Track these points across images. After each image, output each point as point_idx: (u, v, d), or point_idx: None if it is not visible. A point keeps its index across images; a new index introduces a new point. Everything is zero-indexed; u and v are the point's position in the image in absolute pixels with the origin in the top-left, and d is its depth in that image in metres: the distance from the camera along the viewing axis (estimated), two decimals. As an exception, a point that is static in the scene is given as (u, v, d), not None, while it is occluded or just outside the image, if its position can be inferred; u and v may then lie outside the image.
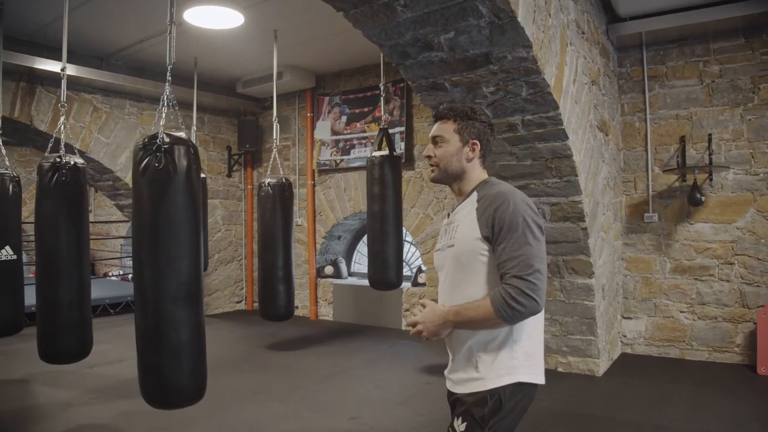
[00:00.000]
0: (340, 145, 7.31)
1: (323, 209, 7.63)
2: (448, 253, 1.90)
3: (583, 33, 4.34)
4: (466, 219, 1.87)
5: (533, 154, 4.06)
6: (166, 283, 2.71)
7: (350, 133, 7.20)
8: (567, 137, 3.86)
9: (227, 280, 8.26)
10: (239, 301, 8.45)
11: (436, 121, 2.00)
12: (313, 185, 7.70)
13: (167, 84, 3.02)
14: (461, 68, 3.54)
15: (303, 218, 7.79)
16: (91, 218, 10.80)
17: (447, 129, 1.95)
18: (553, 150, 3.97)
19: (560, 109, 3.68)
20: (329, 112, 7.41)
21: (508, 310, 1.69)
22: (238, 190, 8.44)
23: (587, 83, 4.40)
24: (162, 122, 2.90)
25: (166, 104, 3.03)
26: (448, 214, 2.02)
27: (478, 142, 1.95)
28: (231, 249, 8.32)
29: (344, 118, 7.26)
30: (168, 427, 3.69)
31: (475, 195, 1.91)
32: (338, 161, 7.33)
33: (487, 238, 1.79)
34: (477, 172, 1.97)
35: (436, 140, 1.97)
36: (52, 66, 5.70)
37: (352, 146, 7.19)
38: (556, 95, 3.61)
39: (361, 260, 8.17)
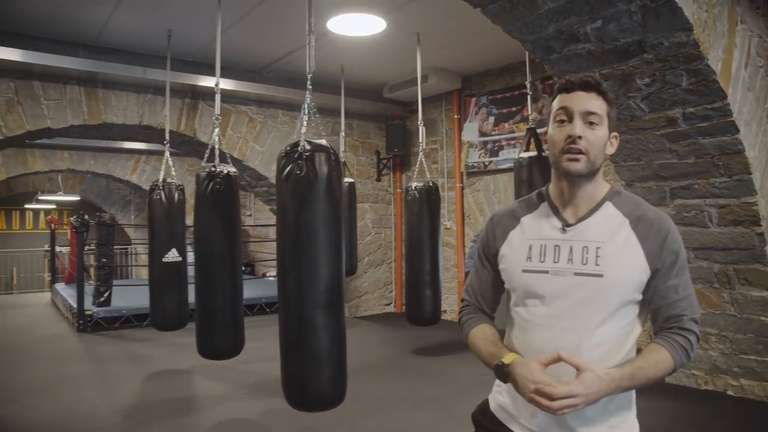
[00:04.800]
0: (489, 146, 7.13)
1: (472, 212, 7.49)
2: (583, 283, 1.41)
3: (757, 8, 3.81)
4: (616, 241, 1.42)
5: (697, 150, 3.65)
6: (307, 290, 2.77)
7: (498, 134, 7.00)
8: (737, 130, 3.43)
9: (377, 283, 8.38)
10: (388, 304, 8.54)
11: (578, 89, 1.45)
12: (462, 188, 7.58)
13: (307, 92, 3.08)
14: (611, 59, 3.26)
15: (452, 221, 7.70)
16: (251, 222, 11.52)
17: (601, 107, 1.44)
18: (721, 145, 3.54)
19: (728, 98, 3.27)
20: (476, 113, 7.26)
21: (686, 362, 1.41)
22: (387, 194, 8.53)
23: (763, 66, 3.88)
24: (303, 130, 2.96)
25: (307, 112, 3.09)
26: (563, 227, 1.48)
27: (618, 136, 1.52)
28: (381, 252, 8.43)
29: (492, 119, 7.07)
30: (311, 428, 3.76)
31: (611, 208, 1.47)
32: (487, 163, 7.16)
33: (655, 272, 1.41)
34: (602, 176, 1.52)
35: (590, 118, 1.42)
36: (211, 82, 6.10)
37: (501, 147, 6.98)
38: (723, 83, 3.21)
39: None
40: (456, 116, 7.50)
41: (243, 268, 11.10)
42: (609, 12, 2.89)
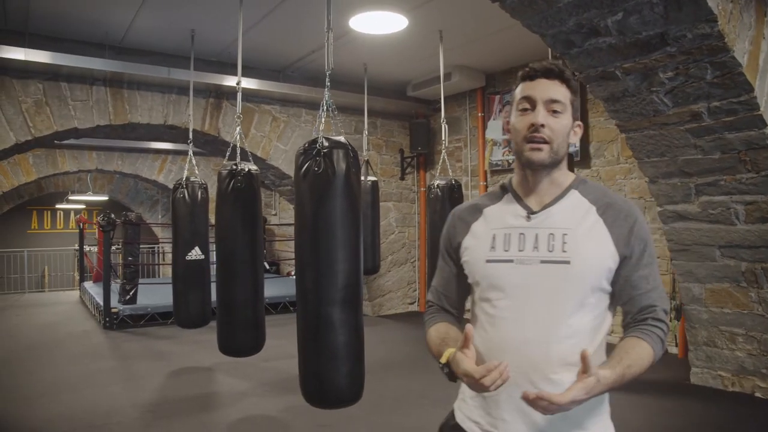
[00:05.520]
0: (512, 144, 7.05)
1: (495, 211, 7.42)
2: (550, 271, 1.35)
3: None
4: (583, 228, 1.38)
5: (723, 146, 3.57)
6: (325, 286, 2.76)
7: (522, 132, 6.93)
8: (765, 124, 3.34)
9: (400, 282, 8.37)
10: (412, 303, 8.51)
11: (541, 77, 1.39)
12: (486, 186, 7.51)
13: (326, 89, 3.09)
14: (633, 53, 3.21)
15: (475, 220, 7.64)
16: (276, 221, 11.58)
17: (564, 95, 1.39)
18: (748, 140, 3.46)
19: (755, 91, 3.19)
20: (500, 111, 7.20)
21: (661, 355, 1.34)
22: (411, 193, 8.51)
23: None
24: (321, 127, 2.96)
25: (325, 109, 3.10)
26: (528, 215, 1.42)
27: (581, 125, 1.46)
28: (404, 251, 8.42)
29: (516, 117, 7.00)
30: (329, 425, 3.77)
31: (577, 195, 1.43)
32: (511, 161, 7.10)
33: (624, 259, 1.37)
34: (566, 164, 1.47)
35: (553, 106, 1.37)
36: (235, 82, 6.14)
37: (524, 145, 6.91)
38: (749, 76, 3.13)
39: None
40: (480, 114, 7.46)
41: (268, 267, 11.23)
42: (630, 4, 2.84)
